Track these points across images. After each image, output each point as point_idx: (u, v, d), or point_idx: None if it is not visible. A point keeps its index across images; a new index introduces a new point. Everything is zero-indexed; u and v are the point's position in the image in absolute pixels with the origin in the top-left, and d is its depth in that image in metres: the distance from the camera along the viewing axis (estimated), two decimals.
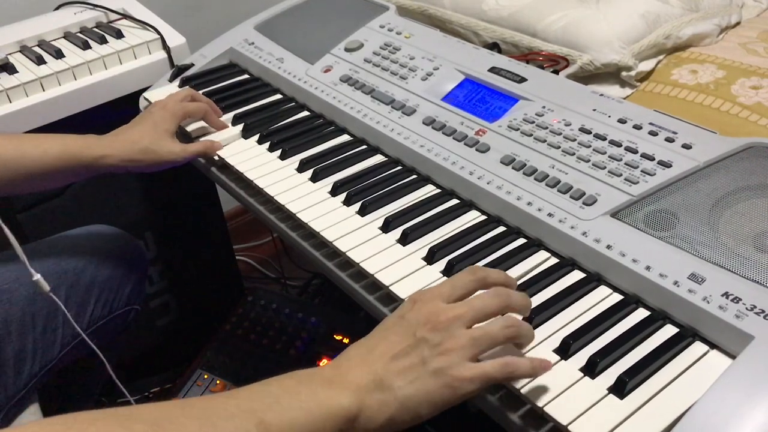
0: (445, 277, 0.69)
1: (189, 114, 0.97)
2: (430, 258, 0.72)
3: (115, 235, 1.05)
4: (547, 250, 0.72)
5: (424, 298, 0.58)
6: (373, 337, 0.57)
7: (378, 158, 0.90)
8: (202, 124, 1.00)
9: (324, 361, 1.17)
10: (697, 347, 0.59)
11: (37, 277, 0.80)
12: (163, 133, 0.92)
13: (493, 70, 0.92)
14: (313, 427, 0.51)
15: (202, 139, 0.98)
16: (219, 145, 0.95)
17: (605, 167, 0.74)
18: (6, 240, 0.78)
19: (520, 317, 0.60)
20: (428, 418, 0.53)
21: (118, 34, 1.19)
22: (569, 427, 0.53)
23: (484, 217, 0.78)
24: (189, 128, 0.99)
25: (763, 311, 0.57)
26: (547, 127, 0.81)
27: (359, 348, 0.57)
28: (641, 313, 0.63)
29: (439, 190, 0.83)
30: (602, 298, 0.66)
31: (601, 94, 0.84)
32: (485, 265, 0.70)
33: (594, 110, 0.82)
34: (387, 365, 0.54)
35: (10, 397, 0.85)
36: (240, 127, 0.99)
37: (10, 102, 1.08)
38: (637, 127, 0.78)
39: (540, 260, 0.71)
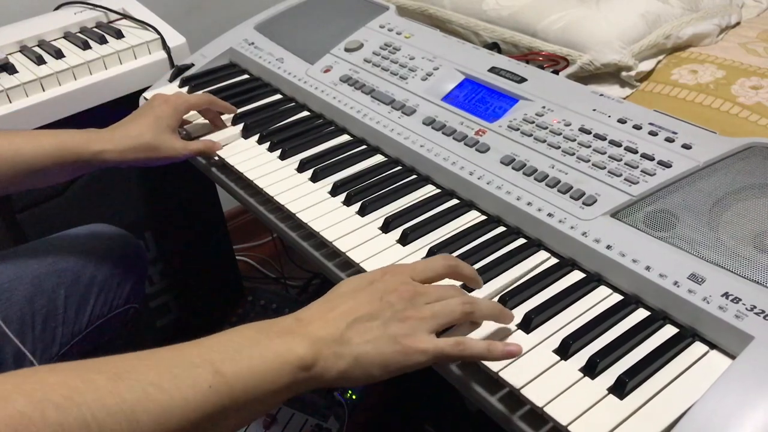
0: None
1: (192, 106, 0.96)
2: None
3: (114, 234, 1.04)
4: (547, 250, 0.72)
5: (396, 270, 0.61)
6: (338, 296, 0.59)
7: (378, 158, 0.90)
8: (202, 123, 1.00)
9: None
10: (697, 347, 0.59)
11: None
12: (165, 129, 0.91)
13: (493, 70, 0.92)
14: (269, 375, 0.52)
15: (202, 138, 0.97)
16: (218, 146, 0.95)
17: (605, 167, 0.74)
18: (6, 240, 0.78)
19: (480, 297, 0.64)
20: (380, 380, 0.55)
21: (118, 34, 1.19)
22: (569, 428, 0.53)
23: (484, 217, 0.78)
24: (189, 128, 0.99)
25: (763, 311, 0.57)
26: (547, 127, 0.81)
27: (322, 304, 0.58)
28: (641, 313, 0.63)
29: (439, 190, 0.83)
30: (602, 298, 0.66)
31: (601, 94, 0.84)
32: (485, 265, 0.70)
33: (594, 110, 0.82)
34: (349, 323, 0.55)
35: None
36: (240, 126, 0.99)
37: (10, 102, 1.07)
38: (637, 127, 0.78)
39: (540, 260, 0.71)
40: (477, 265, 0.70)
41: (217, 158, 0.95)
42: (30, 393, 0.44)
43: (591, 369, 0.57)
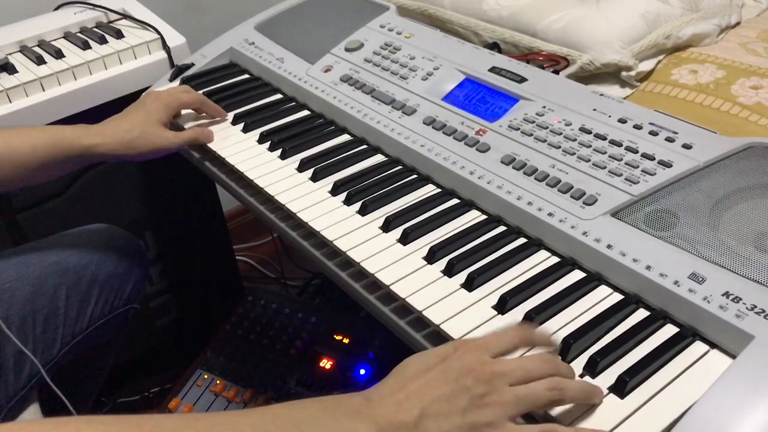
0: (446, 277, 0.69)
1: (183, 105, 0.97)
2: (431, 257, 0.72)
3: (116, 234, 1.05)
4: (548, 249, 0.72)
5: (469, 345, 0.54)
6: (409, 374, 0.53)
7: (378, 158, 0.90)
8: (197, 121, 1.01)
9: (324, 362, 1.17)
10: (698, 347, 0.59)
11: None
12: (155, 122, 0.92)
13: (494, 70, 0.92)
14: None
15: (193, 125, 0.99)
16: (211, 133, 0.96)
17: (605, 167, 0.74)
18: (6, 240, 0.78)
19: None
20: None
21: (118, 34, 1.19)
22: None
23: (484, 217, 0.78)
24: (185, 124, 1.00)
25: (763, 311, 0.57)
26: (547, 127, 0.81)
27: (393, 382, 0.53)
28: (641, 313, 0.63)
29: (439, 190, 0.83)
30: (602, 298, 0.66)
31: (601, 94, 0.84)
32: (485, 265, 0.70)
33: (594, 110, 0.82)
34: (422, 406, 0.50)
35: (10, 397, 0.85)
36: (231, 116, 1.00)
37: (10, 102, 1.07)
38: (638, 127, 0.78)
39: (540, 260, 0.71)
40: (477, 265, 0.70)
41: (217, 153, 0.95)
42: None
43: (592, 368, 0.57)
